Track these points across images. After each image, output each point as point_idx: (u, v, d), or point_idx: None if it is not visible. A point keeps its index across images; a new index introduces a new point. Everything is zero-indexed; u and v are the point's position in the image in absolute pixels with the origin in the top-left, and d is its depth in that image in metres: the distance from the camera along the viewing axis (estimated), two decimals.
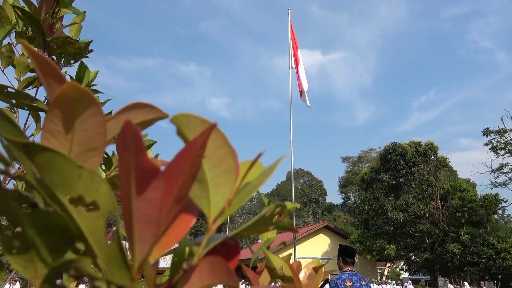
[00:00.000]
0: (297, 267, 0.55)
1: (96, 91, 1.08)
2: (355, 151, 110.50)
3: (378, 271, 30.83)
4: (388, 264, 30.96)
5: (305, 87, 10.50)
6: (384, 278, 27.68)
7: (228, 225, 49.22)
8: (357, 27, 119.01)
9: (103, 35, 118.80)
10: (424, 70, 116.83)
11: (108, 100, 1.13)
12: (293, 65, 10.81)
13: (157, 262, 0.30)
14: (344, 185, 62.56)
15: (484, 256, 21.50)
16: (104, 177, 0.85)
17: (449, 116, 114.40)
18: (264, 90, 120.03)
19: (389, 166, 24.72)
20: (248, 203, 58.27)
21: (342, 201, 64.69)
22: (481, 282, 20.34)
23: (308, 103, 10.19)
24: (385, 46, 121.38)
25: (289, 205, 0.72)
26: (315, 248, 26.60)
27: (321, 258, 25.95)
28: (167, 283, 0.31)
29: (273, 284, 0.54)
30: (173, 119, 0.32)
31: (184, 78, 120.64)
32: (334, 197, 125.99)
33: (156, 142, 0.90)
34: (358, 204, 27.17)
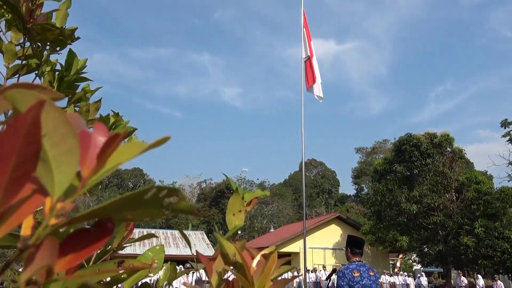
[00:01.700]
0: (250, 254, 0.53)
1: (86, 79, 1.07)
2: (369, 142, 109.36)
3: (390, 262, 30.70)
4: (400, 256, 30.81)
5: (319, 79, 10.39)
6: (396, 270, 27.57)
7: None
8: (373, 16, 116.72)
9: (118, 24, 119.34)
10: (441, 60, 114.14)
11: (99, 88, 1.13)
12: (308, 54, 10.69)
13: None
14: (358, 176, 62.11)
15: (499, 250, 21.17)
16: None
17: (466, 107, 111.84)
18: (277, 80, 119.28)
19: (403, 157, 24.41)
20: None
21: (355, 192, 64.33)
22: (495, 275, 20.06)
23: (321, 95, 10.05)
24: (401, 35, 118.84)
25: (259, 192, 0.71)
26: (326, 239, 26.61)
27: (332, 249, 25.99)
28: (4, 264, 0.31)
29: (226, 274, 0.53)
30: (8, 95, 0.30)
31: (198, 67, 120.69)
32: (347, 188, 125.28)
33: (136, 129, 0.89)
34: (371, 195, 26.97)
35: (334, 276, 4.82)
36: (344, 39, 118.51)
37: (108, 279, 0.65)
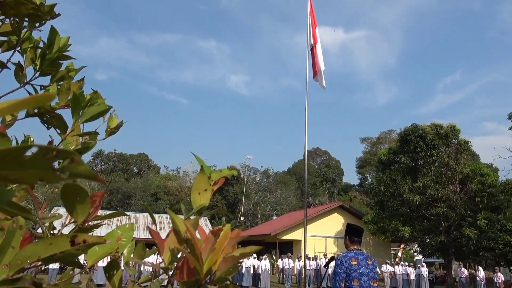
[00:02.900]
0: (201, 231, 0.53)
1: (68, 57, 1.06)
2: (374, 132, 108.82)
3: (392, 252, 30.86)
4: (402, 246, 30.92)
5: (322, 67, 10.28)
6: (397, 259, 27.70)
7: (243, 201, 49.84)
8: (382, 5, 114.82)
9: (124, 9, 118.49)
10: (450, 51, 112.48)
11: (83, 67, 1.11)
12: (312, 42, 10.57)
13: None
14: (362, 166, 62.00)
15: (501, 242, 21.15)
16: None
17: (474, 98, 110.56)
18: (283, 68, 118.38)
19: (408, 148, 24.28)
20: (265, 180, 58.61)
21: (359, 181, 64.30)
22: (496, 267, 20.09)
23: (324, 84, 9.97)
24: (411, 25, 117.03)
25: (226, 171, 0.70)
26: (329, 227, 26.74)
27: (334, 237, 26.13)
28: None
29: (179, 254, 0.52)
30: None
31: (204, 54, 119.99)
32: (351, 177, 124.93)
33: (111, 107, 0.88)
34: (374, 185, 26.95)
35: (332, 264, 4.84)
36: (352, 28, 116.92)
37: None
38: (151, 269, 0.66)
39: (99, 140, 0.94)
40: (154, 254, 0.66)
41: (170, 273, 0.54)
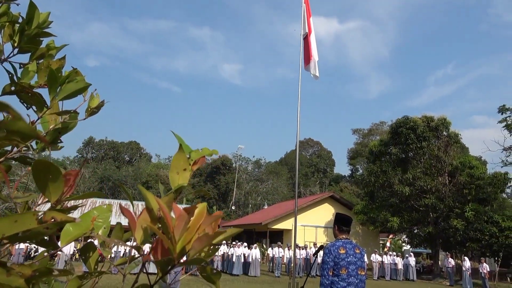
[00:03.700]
0: (176, 210, 0.50)
1: (49, 34, 1.02)
2: (366, 124, 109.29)
3: (381, 242, 31.28)
4: (390, 236, 31.35)
5: (315, 57, 10.21)
6: (386, 249, 28.08)
7: (235, 190, 49.95)
8: None
9: None
10: (443, 44, 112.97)
11: (64, 45, 1.08)
12: (306, 31, 10.48)
13: None
14: (353, 157, 62.41)
15: (487, 233, 21.56)
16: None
17: (465, 92, 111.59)
18: (277, 57, 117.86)
19: (399, 139, 24.46)
20: (257, 169, 58.73)
21: (350, 172, 64.78)
22: (482, 258, 20.50)
23: (317, 74, 9.92)
24: (405, 16, 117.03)
25: (206, 150, 0.67)
26: (319, 217, 26.97)
27: (324, 227, 26.39)
28: None
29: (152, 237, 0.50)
30: None
31: (197, 42, 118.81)
32: (342, 168, 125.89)
33: (90, 84, 0.85)
34: (365, 176, 27.17)
35: (321, 253, 4.88)
36: (347, 18, 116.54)
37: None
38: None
39: (79, 120, 0.91)
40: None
41: (143, 252, 0.52)
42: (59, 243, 0.63)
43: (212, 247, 0.56)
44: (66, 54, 1.00)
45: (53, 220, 0.46)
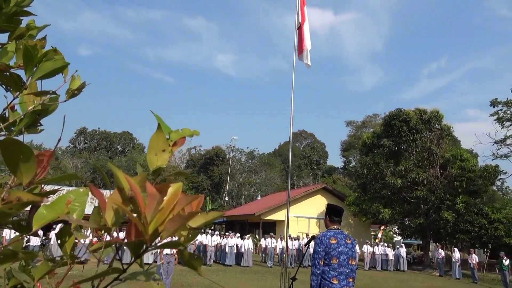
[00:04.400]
0: (149, 189, 0.48)
1: (28, 13, 0.98)
2: (359, 116, 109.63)
3: (372, 233, 31.60)
4: (382, 227, 31.67)
5: (308, 46, 10.15)
6: (377, 240, 28.39)
7: (228, 181, 49.96)
8: None
9: None
10: (437, 37, 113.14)
11: (46, 25, 1.04)
12: (300, 21, 10.41)
13: None
14: (346, 149, 62.66)
15: (477, 225, 21.86)
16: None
17: (458, 85, 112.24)
18: (271, 48, 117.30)
19: (392, 132, 24.57)
20: (250, 161, 58.75)
21: (343, 164, 65.09)
22: (471, 249, 20.82)
23: (309, 63, 9.88)
24: (399, 9, 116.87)
25: (187, 131, 0.65)
26: (312, 208, 27.13)
27: (316, 218, 26.56)
28: None
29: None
30: None
31: (191, 32, 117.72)
32: (335, 160, 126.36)
33: (69, 63, 0.82)
34: (358, 168, 27.32)
35: (312, 243, 4.90)
36: (342, 10, 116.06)
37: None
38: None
39: (60, 102, 0.88)
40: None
41: (114, 234, 0.50)
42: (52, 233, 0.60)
43: (192, 231, 0.54)
44: (47, 34, 0.96)
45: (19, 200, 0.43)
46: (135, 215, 0.46)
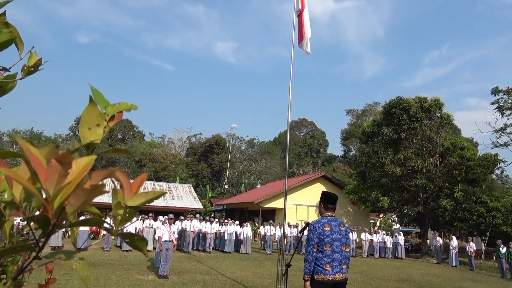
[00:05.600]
0: (51, 160, 0.45)
1: None
2: (360, 104, 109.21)
3: (371, 221, 31.77)
4: (381, 215, 31.82)
5: (308, 34, 10.03)
6: (376, 228, 28.55)
7: (228, 169, 50.07)
8: None
9: None
10: (439, 24, 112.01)
11: (7, 1, 0.99)
12: (299, 8, 10.26)
13: None
14: (346, 137, 62.59)
15: (475, 213, 21.93)
16: None
17: (459, 73, 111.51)
18: (271, 36, 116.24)
19: (392, 120, 24.48)
20: (250, 149, 58.76)
21: (343, 153, 65.10)
22: (469, 237, 20.92)
23: (309, 50, 9.77)
24: None
25: (124, 105, 0.61)
26: (311, 196, 27.20)
27: (315, 206, 26.65)
28: None
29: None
30: None
31: (191, 19, 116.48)
32: (335, 148, 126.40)
33: (16, 37, 0.78)
34: (357, 156, 27.32)
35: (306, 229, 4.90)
36: None
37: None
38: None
39: (17, 79, 0.84)
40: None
41: (22, 210, 0.47)
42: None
43: (128, 210, 0.51)
44: (6, 10, 0.92)
45: None
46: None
